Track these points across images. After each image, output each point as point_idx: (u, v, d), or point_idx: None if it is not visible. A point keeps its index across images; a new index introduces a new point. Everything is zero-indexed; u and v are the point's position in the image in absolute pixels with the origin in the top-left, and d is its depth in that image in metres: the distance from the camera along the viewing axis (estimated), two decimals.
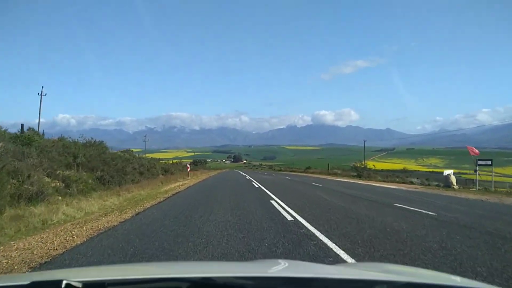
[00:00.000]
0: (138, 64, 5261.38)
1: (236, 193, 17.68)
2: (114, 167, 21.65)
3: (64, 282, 1.34)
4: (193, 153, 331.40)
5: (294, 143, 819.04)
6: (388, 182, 37.60)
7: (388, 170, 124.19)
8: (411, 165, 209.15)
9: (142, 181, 23.64)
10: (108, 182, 19.24)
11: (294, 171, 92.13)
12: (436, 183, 33.58)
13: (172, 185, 23.84)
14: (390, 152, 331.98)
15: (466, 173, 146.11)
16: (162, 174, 34.09)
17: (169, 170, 40.02)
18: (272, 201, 13.45)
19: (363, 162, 56.69)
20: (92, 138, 26.44)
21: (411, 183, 36.36)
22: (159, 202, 13.58)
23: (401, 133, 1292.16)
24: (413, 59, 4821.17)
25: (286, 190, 20.57)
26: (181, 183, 27.77)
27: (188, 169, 41.72)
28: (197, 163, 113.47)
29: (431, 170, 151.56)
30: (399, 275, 1.95)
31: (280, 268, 2.06)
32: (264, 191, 19.21)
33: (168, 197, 15.88)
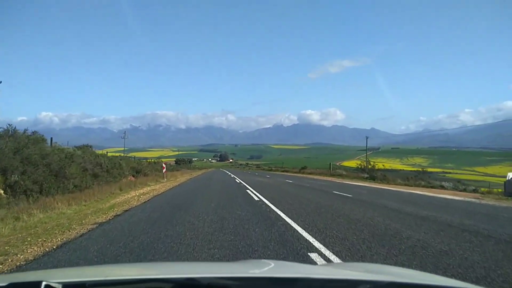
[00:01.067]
0: (123, 62, 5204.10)
1: (226, 218, 9.02)
2: (45, 168, 14.75)
3: (44, 283, 1.31)
4: (178, 152, 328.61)
5: (281, 142, 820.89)
6: (413, 186, 28.59)
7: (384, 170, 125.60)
8: (396, 164, 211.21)
9: (95, 187, 17.61)
10: (26, 191, 12.96)
11: (286, 171, 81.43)
12: (474, 187, 26.92)
13: (133, 193, 16.99)
14: (375, 152, 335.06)
15: (450, 172, 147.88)
16: (133, 176, 28.18)
17: (142, 171, 32.95)
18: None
19: (369, 161, 47.90)
20: (10, 126, 16.37)
21: (442, 187, 27.53)
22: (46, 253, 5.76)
23: (386, 133, 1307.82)
24: (398, 60, 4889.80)
25: (318, 211, 10.63)
26: (149, 188, 20.65)
27: (164, 170, 31.78)
28: (180, 162, 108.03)
29: (416, 169, 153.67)
30: (383, 275, 1.96)
31: (265, 268, 2.02)
32: (278, 214, 9.84)
33: (91, 228, 7.79)
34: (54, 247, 6.12)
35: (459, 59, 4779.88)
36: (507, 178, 22.02)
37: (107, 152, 35.53)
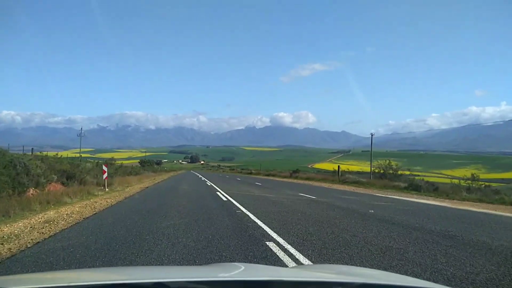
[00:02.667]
0: (90, 59, 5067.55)
1: None
2: None
3: None
4: (146, 153, 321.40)
5: (253, 144, 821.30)
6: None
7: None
8: (367, 167, 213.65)
9: None
10: None
11: (273, 175, 61.20)
12: None
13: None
14: (346, 154, 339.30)
15: (418, 175, 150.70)
16: (63, 184, 17.56)
17: (77, 176, 19.88)
18: None
19: (390, 164, 36.04)
20: None
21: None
22: None
23: (356, 136, 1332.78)
24: (368, 65, 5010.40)
25: None
26: (51, 214, 9.83)
27: (105, 176, 20.19)
28: (145, 164, 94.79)
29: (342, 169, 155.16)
30: (355, 276, 1.98)
31: (236, 271, 2.02)
32: None
33: None
34: None
35: (426, 65, 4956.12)
36: None
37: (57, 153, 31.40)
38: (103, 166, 20.56)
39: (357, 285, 1.54)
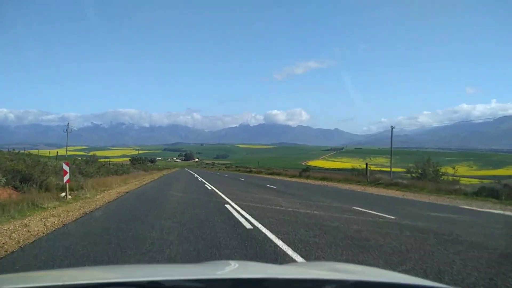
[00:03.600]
0: (82, 57, 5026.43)
1: None
2: None
3: None
4: (141, 151, 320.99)
5: (247, 141, 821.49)
6: None
7: (339, 169, 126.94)
8: (360, 164, 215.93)
9: None
10: None
11: (278, 174, 54.92)
12: None
13: None
14: (339, 151, 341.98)
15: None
16: (16, 188, 13.67)
17: (35, 178, 14.76)
18: None
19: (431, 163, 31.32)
20: None
21: None
22: None
23: (349, 133, 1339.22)
24: (361, 62, 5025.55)
25: None
26: None
27: (66, 178, 13.59)
28: (137, 162, 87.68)
29: (378, 169, 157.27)
30: (349, 274, 1.98)
31: (230, 269, 2.01)
32: None
33: None
34: None
35: (418, 62, 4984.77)
36: None
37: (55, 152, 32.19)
38: (64, 165, 13.87)
39: (351, 282, 1.55)
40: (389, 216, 10.39)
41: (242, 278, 1.63)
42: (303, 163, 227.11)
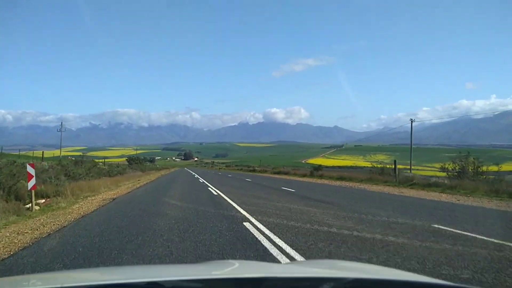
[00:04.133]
0: (80, 57, 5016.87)
1: None
2: None
3: None
4: (140, 151, 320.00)
5: (246, 140, 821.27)
6: None
7: (339, 167, 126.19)
8: (360, 161, 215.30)
9: None
10: None
11: (285, 173, 49.55)
12: None
13: None
14: (339, 149, 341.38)
15: (412, 169, 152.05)
16: None
17: (1, 182, 11.84)
18: None
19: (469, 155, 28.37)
20: None
21: None
22: None
23: (349, 131, 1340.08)
24: (360, 59, 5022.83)
25: None
26: None
27: (31, 183, 10.40)
28: (134, 162, 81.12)
29: (381, 166, 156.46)
30: (348, 271, 1.99)
31: (230, 269, 2.02)
32: None
33: None
34: None
35: (418, 59, 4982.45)
36: None
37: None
38: (28, 167, 10.87)
39: (350, 280, 1.56)
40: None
41: (242, 277, 1.64)
42: (303, 161, 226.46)
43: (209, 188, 19.78)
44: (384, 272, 2.22)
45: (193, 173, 52.76)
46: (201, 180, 30.90)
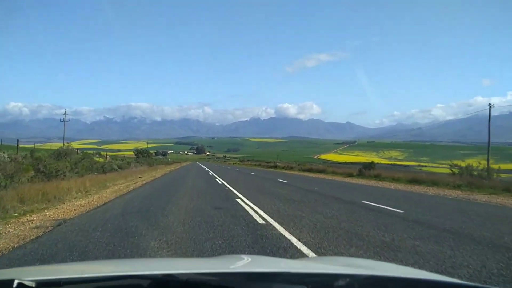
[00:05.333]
0: (96, 51, 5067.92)
1: None
2: None
3: (16, 281, 1.27)
4: (148, 145, 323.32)
5: (258, 135, 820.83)
6: None
7: (352, 163, 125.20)
8: (373, 158, 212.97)
9: None
10: None
11: (321, 172, 41.19)
12: None
13: None
14: (351, 145, 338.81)
15: (425, 166, 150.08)
16: None
17: None
18: None
19: None
20: None
21: None
22: None
23: (361, 127, 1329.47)
24: (373, 55, 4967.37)
25: None
26: None
27: None
28: (141, 155, 72.80)
29: (392, 162, 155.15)
30: (362, 268, 1.99)
31: (244, 263, 2.04)
32: None
33: None
34: None
35: (432, 55, 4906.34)
36: None
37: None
38: None
39: (364, 277, 1.57)
40: None
41: (256, 272, 1.66)
42: (315, 157, 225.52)
43: (238, 199, 12.05)
44: (399, 270, 2.20)
45: (207, 169, 47.35)
46: (218, 179, 24.27)
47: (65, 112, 60.42)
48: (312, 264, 2.41)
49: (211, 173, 34.92)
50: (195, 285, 1.41)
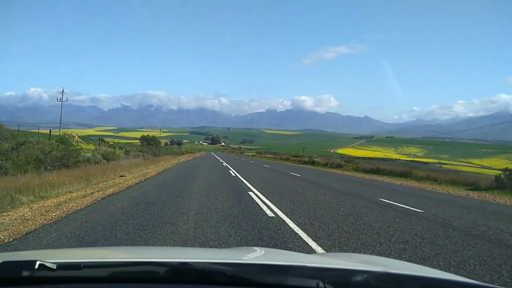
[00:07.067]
0: (115, 39, 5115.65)
1: None
2: None
3: (38, 262, 1.32)
4: (160, 134, 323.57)
5: (274, 127, 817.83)
6: None
7: (370, 158, 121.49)
8: (391, 154, 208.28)
9: None
10: None
11: (375, 173, 29.04)
12: None
13: None
14: (369, 140, 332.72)
15: (446, 163, 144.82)
16: None
17: None
18: None
19: None
20: None
21: None
22: None
23: (379, 121, 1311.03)
24: (394, 49, 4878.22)
25: None
26: None
27: None
28: (147, 143, 66.61)
29: (411, 159, 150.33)
30: (376, 265, 1.99)
31: (257, 255, 2.07)
32: None
33: None
34: None
35: (455, 50, 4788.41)
36: None
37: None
38: None
39: (381, 274, 1.59)
40: None
41: (270, 264, 1.68)
42: (332, 151, 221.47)
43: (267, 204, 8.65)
44: (414, 268, 2.20)
45: (225, 163, 36.54)
46: (245, 181, 15.39)
47: (62, 90, 54.59)
48: (327, 259, 2.37)
49: (232, 172, 22.21)
50: (210, 274, 1.44)
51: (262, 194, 11.15)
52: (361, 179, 23.90)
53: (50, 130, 27.95)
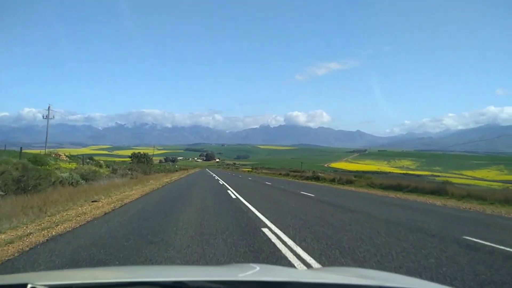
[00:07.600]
0: (109, 58, 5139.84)
1: None
2: None
3: (29, 286, 1.29)
4: (154, 151, 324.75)
5: (267, 142, 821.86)
6: None
7: (364, 172, 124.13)
8: (384, 167, 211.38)
9: None
10: None
11: (394, 189, 25.84)
12: None
13: None
14: (362, 154, 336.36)
15: (438, 176, 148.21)
16: None
17: None
18: None
19: None
20: None
21: None
22: None
23: (371, 135, 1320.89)
24: (384, 64, 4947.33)
25: None
26: None
27: None
28: (137, 160, 63.18)
29: (404, 172, 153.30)
30: (373, 279, 1.98)
31: (254, 272, 2.02)
32: None
33: None
34: None
35: (444, 64, 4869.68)
36: None
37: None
38: None
39: (375, 287, 1.55)
40: None
41: (266, 280, 1.65)
42: (326, 165, 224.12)
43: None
44: (410, 282, 2.17)
45: (221, 181, 33.06)
46: (252, 209, 11.31)
47: (48, 107, 52.82)
48: (323, 274, 2.37)
49: (231, 192, 18.57)
50: None
51: (285, 234, 7.20)
52: (393, 199, 19.63)
53: (21, 148, 25.34)
